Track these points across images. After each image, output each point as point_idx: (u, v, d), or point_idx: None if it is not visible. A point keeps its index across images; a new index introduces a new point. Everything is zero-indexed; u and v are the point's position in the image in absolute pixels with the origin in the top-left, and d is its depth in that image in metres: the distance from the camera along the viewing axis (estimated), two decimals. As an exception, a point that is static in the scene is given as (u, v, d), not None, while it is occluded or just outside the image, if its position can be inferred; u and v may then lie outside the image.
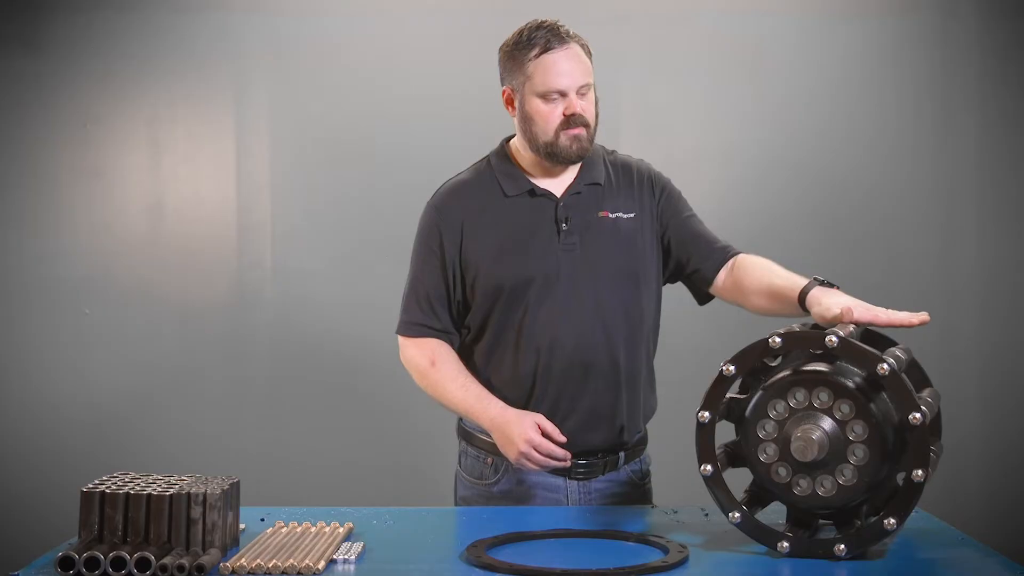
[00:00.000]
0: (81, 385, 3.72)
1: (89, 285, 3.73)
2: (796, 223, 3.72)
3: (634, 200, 2.26)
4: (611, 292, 2.19)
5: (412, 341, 2.25)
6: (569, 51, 2.15)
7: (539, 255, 2.18)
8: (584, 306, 2.18)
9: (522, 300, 2.17)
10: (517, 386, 2.19)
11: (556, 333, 2.17)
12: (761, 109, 3.73)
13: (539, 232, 2.19)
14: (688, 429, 1.78)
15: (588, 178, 2.24)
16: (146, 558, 1.57)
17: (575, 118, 2.15)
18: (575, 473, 2.20)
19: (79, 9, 3.70)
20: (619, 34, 3.72)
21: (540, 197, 2.21)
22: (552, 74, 2.14)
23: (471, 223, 2.21)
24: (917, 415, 1.62)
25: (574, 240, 2.19)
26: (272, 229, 3.74)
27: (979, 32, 3.71)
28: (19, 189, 3.73)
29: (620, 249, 2.21)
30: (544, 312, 2.17)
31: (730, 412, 1.78)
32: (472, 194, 2.24)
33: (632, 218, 2.24)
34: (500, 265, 2.18)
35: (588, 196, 2.23)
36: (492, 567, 1.63)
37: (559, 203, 2.20)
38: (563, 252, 2.18)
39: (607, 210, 2.22)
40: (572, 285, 2.18)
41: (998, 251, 3.73)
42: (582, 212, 2.21)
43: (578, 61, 2.16)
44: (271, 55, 3.72)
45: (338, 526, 1.85)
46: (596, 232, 2.20)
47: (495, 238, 2.20)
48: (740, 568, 1.67)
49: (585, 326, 2.17)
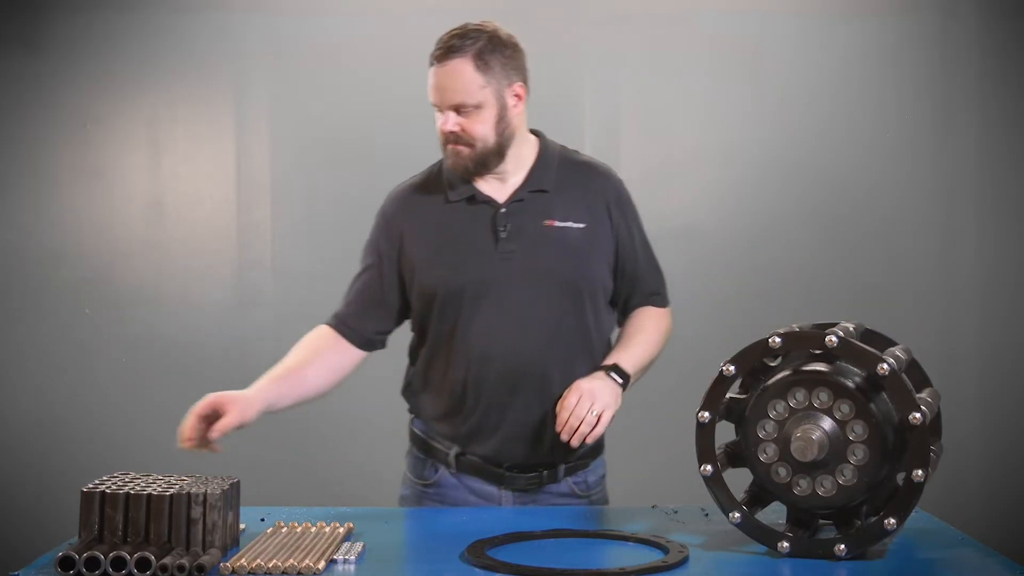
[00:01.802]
0: (81, 385, 3.72)
1: (89, 285, 3.73)
2: (796, 223, 3.73)
3: (586, 209, 2.18)
4: (549, 304, 2.13)
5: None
6: (447, 68, 2.07)
7: (474, 263, 2.13)
8: (517, 317, 2.12)
9: (455, 308, 2.13)
10: (450, 394, 2.17)
11: (488, 343, 2.12)
12: (761, 109, 3.73)
13: (476, 239, 2.14)
14: (688, 429, 1.78)
15: (534, 184, 2.16)
16: (146, 558, 1.57)
17: (448, 135, 2.10)
18: (508, 483, 2.18)
19: (79, 9, 3.70)
20: (619, 34, 3.72)
21: (481, 204, 2.16)
22: (430, 88, 2.10)
23: (412, 228, 2.18)
24: (917, 415, 1.62)
25: (512, 248, 2.12)
26: (272, 229, 3.74)
27: (979, 32, 3.71)
28: (19, 189, 3.73)
29: (563, 260, 2.14)
30: (477, 321, 2.12)
31: (730, 412, 1.78)
32: (417, 199, 2.21)
33: (582, 228, 2.16)
34: (434, 271, 2.15)
35: (533, 203, 2.15)
36: (492, 567, 1.63)
37: (499, 210, 2.15)
38: (500, 260, 2.12)
39: (554, 219, 2.15)
40: (507, 295, 2.12)
41: (998, 251, 3.73)
42: (524, 219, 2.14)
43: (456, 79, 2.07)
44: (271, 55, 3.72)
45: (338, 526, 1.85)
46: (537, 241, 2.13)
47: (432, 244, 2.16)
48: (740, 568, 1.67)
49: (517, 338, 2.11)
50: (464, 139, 2.09)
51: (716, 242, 3.73)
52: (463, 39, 2.08)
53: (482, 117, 2.09)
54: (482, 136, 2.10)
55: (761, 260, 3.72)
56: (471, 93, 2.07)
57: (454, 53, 2.07)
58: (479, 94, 2.08)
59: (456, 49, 2.07)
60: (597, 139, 3.73)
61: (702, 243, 3.72)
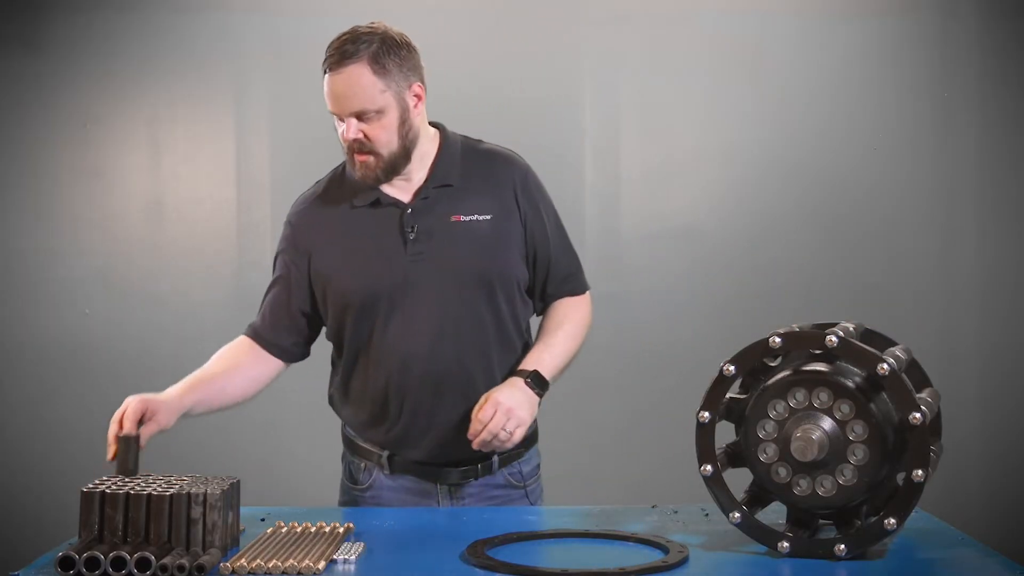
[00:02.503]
0: (81, 385, 3.72)
1: (89, 285, 3.73)
2: (796, 223, 3.73)
3: (493, 199, 2.14)
4: (462, 301, 2.10)
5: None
6: (343, 75, 2.02)
7: (385, 268, 2.09)
8: (433, 318, 2.09)
9: (371, 316, 2.10)
10: (373, 403, 2.15)
11: (406, 348, 2.09)
12: (761, 109, 3.73)
13: (385, 244, 2.10)
14: (688, 429, 1.78)
15: (439, 180, 2.12)
16: (146, 558, 1.57)
17: (352, 144, 2.06)
18: (444, 478, 2.16)
19: (79, 9, 3.70)
20: (619, 34, 3.72)
21: (387, 206, 2.12)
22: (328, 96, 2.06)
23: (319, 238, 2.14)
24: (917, 415, 1.62)
25: (421, 249, 2.08)
26: (272, 229, 3.73)
27: (979, 32, 3.72)
28: (19, 189, 3.73)
29: (473, 254, 2.10)
30: (393, 327, 2.09)
31: (730, 412, 1.78)
32: (321, 207, 2.17)
33: (489, 220, 2.12)
34: (346, 280, 2.11)
35: (438, 199, 2.11)
36: (492, 567, 1.63)
37: (406, 210, 2.10)
38: (410, 263, 2.08)
39: (460, 213, 2.11)
40: (421, 297, 2.09)
41: (998, 251, 3.73)
42: (431, 218, 2.10)
43: (352, 86, 2.02)
44: (271, 55, 3.72)
45: (338, 526, 1.84)
46: (446, 238, 2.09)
47: (341, 252, 2.12)
48: (740, 568, 1.67)
49: (435, 339, 2.08)
50: (368, 147, 2.05)
51: (716, 242, 3.73)
52: (355, 43, 2.02)
53: (384, 122, 2.04)
54: (386, 142, 2.05)
55: (761, 260, 3.72)
56: (372, 99, 2.02)
57: (348, 59, 2.02)
58: (380, 99, 2.03)
59: (350, 55, 2.02)
60: (597, 139, 3.73)
61: (702, 243, 3.72)
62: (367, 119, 2.04)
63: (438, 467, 2.17)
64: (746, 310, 3.62)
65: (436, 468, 2.17)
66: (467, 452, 2.10)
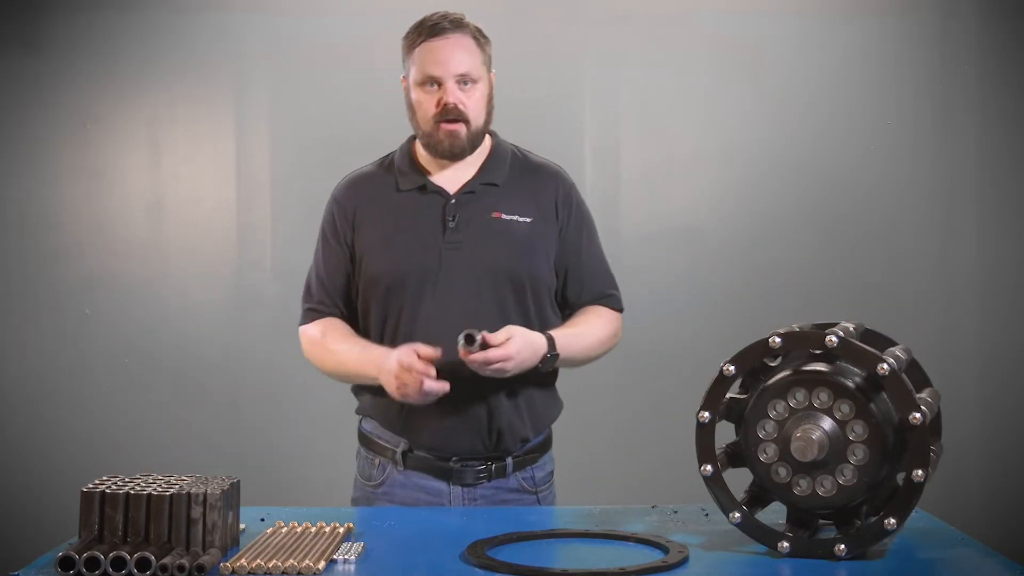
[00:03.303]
0: (81, 385, 3.72)
1: (89, 285, 3.73)
2: (796, 223, 3.73)
3: (535, 205, 2.20)
4: (492, 294, 2.14)
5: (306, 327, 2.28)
6: (451, 40, 2.11)
7: (420, 251, 2.14)
8: (461, 307, 2.13)
9: (400, 296, 2.15)
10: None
11: (430, 332, 2.11)
12: (761, 109, 3.73)
13: (424, 228, 2.15)
14: (688, 429, 1.78)
15: (486, 178, 2.19)
16: (146, 558, 1.57)
17: (448, 110, 2.10)
18: (457, 478, 2.18)
19: (79, 9, 3.70)
20: (619, 34, 3.72)
21: (432, 193, 2.18)
22: (429, 61, 2.11)
23: (362, 215, 2.20)
24: (917, 415, 1.62)
25: (460, 238, 2.14)
26: (272, 229, 3.74)
27: (979, 32, 3.72)
28: (19, 189, 3.73)
29: (508, 252, 2.16)
30: (421, 310, 2.14)
31: (730, 412, 1.78)
32: (368, 186, 2.23)
33: (529, 223, 2.18)
34: (380, 258, 2.17)
35: (483, 196, 2.18)
36: (492, 567, 1.63)
37: (449, 200, 2.17)
38: (447, 250, 2.14)
39: (501, 211, 2.17)
40: (452, 285, 2.13)
41: (998, 251, 3.73)
42: (472, 211, 2.16)
43: (461, 50, 2.11)
44: (271, 55, 3.72)
45: (338, 526, 1.84)
46: (484, 232, 2.15)
47: (380, 231, 2.18)
48: (740, 568, 1.67)
49: (459, 327, 2.07)
50: (463, 114, 2.11)
51: (716, 242, 3.73)
52: (459, 18, 2.13)
53: (478, 93, 2.13)
54: (477, 113, 2.13)
55: (761, 260, 3.72)
56: (476, 66, 2.12)
57: (457, 27, 2.12)
58: (479, 70, 2.13)
59: (458, 24, 2.12)
60: (597, 139, 3.73)
61: (702, 243, 3.72)
62: (465, 87, 2.11)
63: (451, 463, 2.17)
64: (746, 310, 3.62)
65: (449, 466, 2.17)
66: (481, 446, 2.15)
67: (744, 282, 3.69)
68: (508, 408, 2.17)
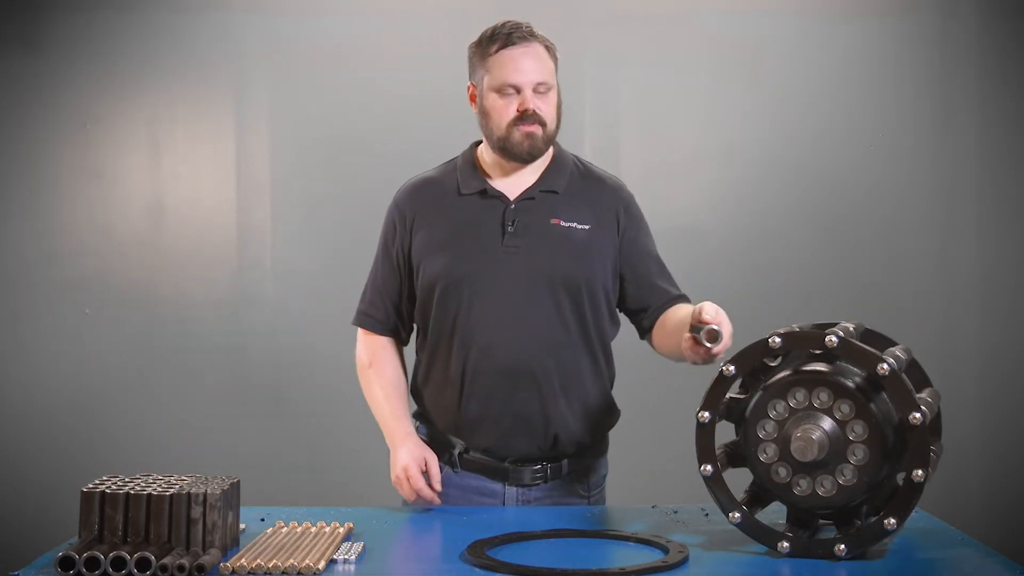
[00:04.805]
0: (81, 385, 3.72)
1: (89, 285, 3.73)
2: (796, 223, 3.73)
3: (594, 213, 2.23)
4: (550, 299, 2.17)
5: (361, 333, 2.34)
6: (528, 49, 2.16)
7: (478, 254, 2.17)
8: (519, 310, 2.15)
9: (457, 298, 2.17)
10: (451, 386, 2.20)
11: (488, 335, 2.15)
12: (761, 109, 3.73)
13: (484, 232, 2.19)
14: (688, 429, 1.78)
15: (547, 185, 2.22)
16: (146, 558, 1.57)
17: (528, 115, 2.15)
18: (512, 479, 2.20)
19: (79, 9, 3.70)
20: (619, 34, 3.72)
21: (492, 198, 2.21)
22: (508, 69, 2.16)
23: (422, 218, 2.23)
24: (917, 415, 1.62)
25: (517, 243, 2.17)
26: (272, 229, 3.74)
27: (979, 32, 3.72)
28: (19, 189, 3.73)
29: (567, 258, 2.18)
30: (478, 312, 2.16)
31: (730, 412, 1.78)
32: (430, 190, 2.26)
33: (587, 230, 2.21)
34: (438, 259, 2.19)
35: (542, 202, 2.21)
36: (492, 567, 1.63)
37: (509, 205, 2.19)
38: (505, 254, 2.17)
39: (560, 218, 2.20)
40: (510, 288, 2.16)
41: (998, 251, 3.73)
42: (532, 216, 2.19)
43: (537, 59, 2.17)
44: (271, 55, 3.72)
45: (338, 526, 1.85)
46: (543, 237, 2.18)
47: (440, 234, 2.21)
48: (740, 568, 1.67)
49: (517, 331, 2.15)
50: (540, 118, 2.16)
51: (716, 242, 3.73)
52: (530, 28, 2.20)
53: (552, 100, 2.19)
54: (551, 117, 2.19)
55: (761, 260, 3.72)
56: (551, 73, 2.19)
57: (534, 38, 2.18)
58: (553, 78, 2.20)
59: (533, 34, 2.19)
60: (597, 139, 3.73)
61: (702, 243, 3.72)
62: (541, 93, 2.17)
63: (508, 464, 2.19)
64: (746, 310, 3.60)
65: (505, 467, 2.19)
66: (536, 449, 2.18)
67: (744, 282, 3.69)
68: (566, 412, 2.19)
